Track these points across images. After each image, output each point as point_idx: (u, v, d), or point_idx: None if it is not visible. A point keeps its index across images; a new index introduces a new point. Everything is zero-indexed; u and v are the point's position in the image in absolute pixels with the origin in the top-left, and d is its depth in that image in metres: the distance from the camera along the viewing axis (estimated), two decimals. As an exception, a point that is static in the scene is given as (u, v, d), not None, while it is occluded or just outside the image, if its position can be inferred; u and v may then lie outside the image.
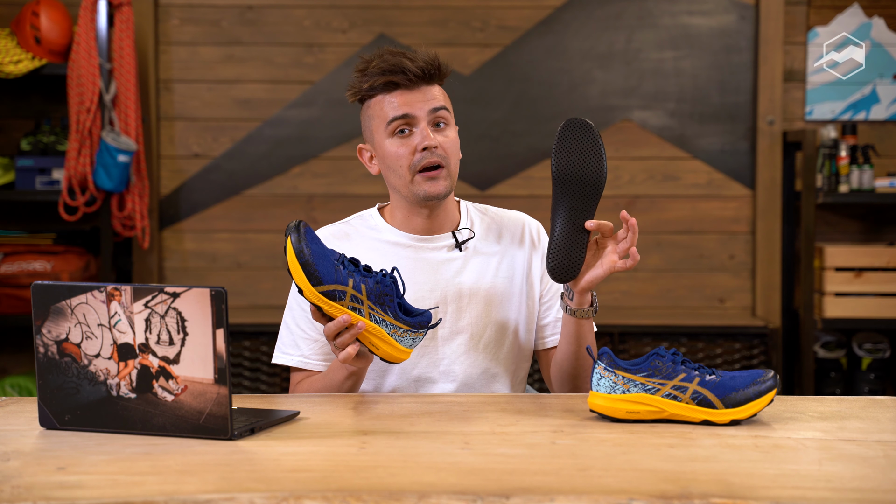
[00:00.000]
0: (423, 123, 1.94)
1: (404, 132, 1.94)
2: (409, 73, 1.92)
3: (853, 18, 3.97)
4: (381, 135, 1.97)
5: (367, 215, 2.08)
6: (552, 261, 1.84)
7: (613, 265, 1.85)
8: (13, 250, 3.80)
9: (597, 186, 1.85)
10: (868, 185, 3.81)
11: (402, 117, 1.93)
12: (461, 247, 2.02)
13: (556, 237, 1.85)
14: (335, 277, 1.70)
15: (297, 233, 1.71)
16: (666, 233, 4.04)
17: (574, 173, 1.84)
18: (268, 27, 4.01)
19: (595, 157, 1.85)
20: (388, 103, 1.95)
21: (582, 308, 1.90)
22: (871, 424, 1.60)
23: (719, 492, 1.25)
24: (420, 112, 1.94)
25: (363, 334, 1.73)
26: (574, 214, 1.85)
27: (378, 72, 1.94)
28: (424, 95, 1.94)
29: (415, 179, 1.94)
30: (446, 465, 1.37)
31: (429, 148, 1.92)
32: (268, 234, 4.04)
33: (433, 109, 1.94)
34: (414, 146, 1.93)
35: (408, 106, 1.94)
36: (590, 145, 1.85)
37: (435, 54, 1.96)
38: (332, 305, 1.71)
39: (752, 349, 3.73)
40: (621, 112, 4.02)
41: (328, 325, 1.73)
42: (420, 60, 1.94)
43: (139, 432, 1.53)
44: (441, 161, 1.94)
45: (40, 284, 1.56)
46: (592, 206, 1.86)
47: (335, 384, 1.89)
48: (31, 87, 3.97)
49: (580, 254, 1.84)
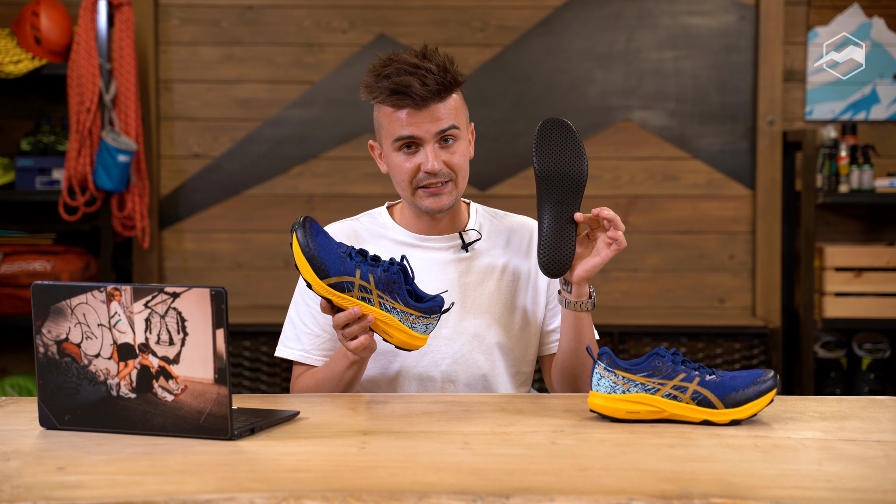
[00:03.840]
0: (429, 146, 1.91)
1: (410, 148, 1.93)
2: (416, 96, 1.88)
3: (853, 18, 3.97)
4: (388, 145, 1.95)
5: (377, 213, 2.08)
6: (543, 256, 1.87)
7: (607, 252, 1.86)
8: (13, 250, 3.80)
9: (579, 181, 1.88)
10: (868, 185, 3.81)
11: (407, 137, 1.91)
12: (468, 248, 2.02)
13: (545, 233, 1.87)
14: (342, 269, 1.71)
15: (303, 228, 1.72)
16: (666, 233, 4.04)
17: (556, 171, 1.88)
18: (268, 27, 4.01)
19: (575, 153, 1.89)
20: (396, 120, 1.91)
21: (580, 300, 1.90)
22: (871, 424, 1.60)
23: (719, 492, 1.25)
24: (426, 135, 1.91)
25: (375, 324, 1.74)
26: (559, 209, 1.88)
27: (387, 91, 1.89)
28: (433, 115, 1.90)
29: (416, 193, 1.94)
30: (446, 465, 1.37)
31: (430, 172, 1.91)
32: (268, 234, 4.04)
33: (440, 131, 1.92)
34: (417, 165, 1.92)
35: (414, 127, 1.90)
36: (568, 142, 1.89)
37: (446, 66, 1.90)
38: (341, 297, 1.72)
39: (752, 349, 3.73)
40: (621, 112, 4.02)
41: (337, 316, 1.73)
42: (432, 79, 1.88)
43: (139, 432, 1.53)
44: (446, 178, 1.93)
45: (40, 284, 1.56)
46: (577, 201, 1.88)
47: (336, 374, 1.89)
48: (31, 87, 3.97)
49: (569, 247, 1.87)
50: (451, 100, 1.93)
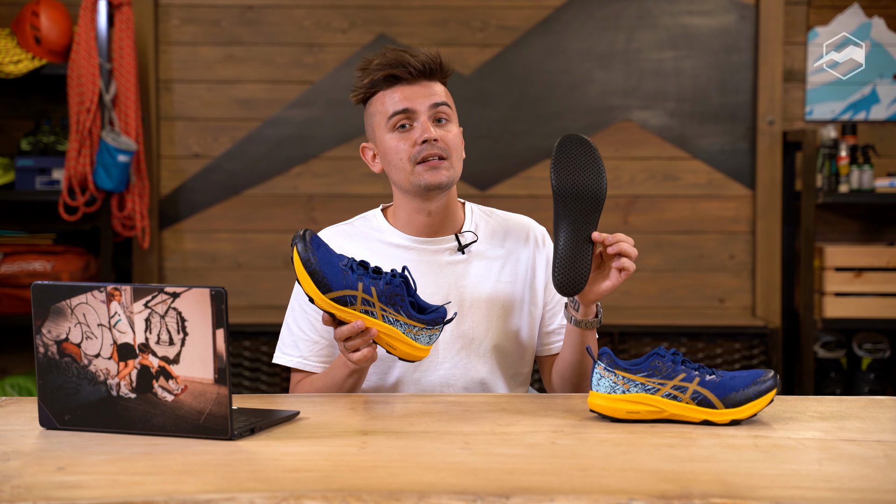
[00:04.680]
0: (424, 118, 1.93)
1: (405, 127, 1.93)
2: (409, 66, 1.92)
3: (853, 18, 3.97)
4: (383, 130, 1.95)
5: (371, 216, 2.06)
6: (558, 275, 1.83)
7: (618, 278, 1.84)
8: (13, 250, 3.80)
9: (597, 199, 1.84)
10: (868, 185, 3.81)
11: (402, 112, 1.93)
12: (464, 249, 2.01)
13: (561, 251, 1.83)
14: (344, 283, 1.70)
15: (304, 241, 1.71)
16: (666, 233, 4.04)
17: (574, 188, 1.84)
18: (268, 27, 4.01)
19: (594, 170, 1.85)
20: (389, 98, 1.94)
21: (587, 319, 1.90)
22: (871, 424, 1.60)
23: (719, 492, 1.25)
24: (420, 107, 1.93)
25: (379, 336, 1.73)
26: (577, 228, 1.84)
27: (379, 67, 1.94)
28: (425, 90, 1.94)
29: (415, 170, 1.93)
30: (446, 465, 1.37)
31: (428, 140, 1.91)
32: (268, 234, 4.04)
33: (434, 104, 1.93)
34: (414, 139, 1.92)
35: (408, 101, 1.93)
36: (588, 159, 1.85)
37: (437, 52, 1.96)
38: (344, 311, 1.71)
39: (752, 349, 3.73)
40: (621, 112, 4.02)
41: (340, 329, 1.72)
42: (422, 55, 1.94)
43: (139, 432, 1.53)
44: (442, 153, 1.92)
45: (40, 284, 1.56)
46: (594, 219, 1.85)
47: (336, 383, 1.88)
48: (31, 87, 3.97)
49: (585, 266, 1.83)
50: (440, 86, 1.97)
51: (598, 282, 1.86)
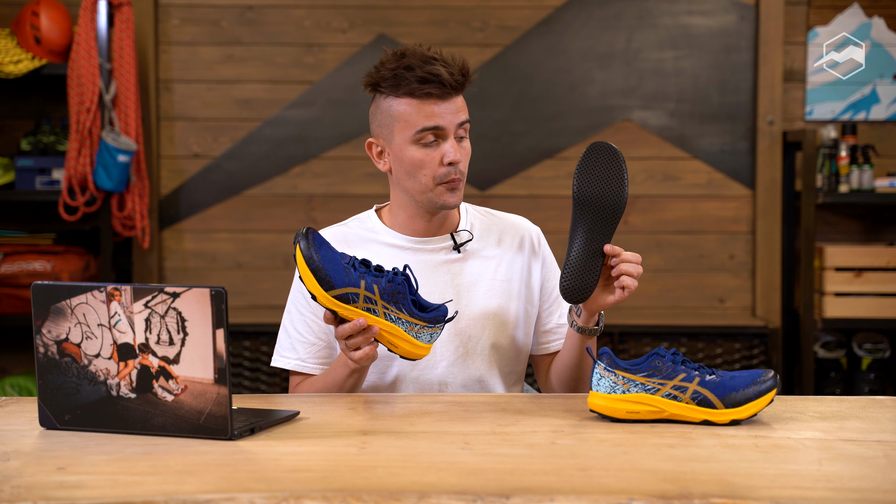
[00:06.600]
0: (451, 137, 1.90)
1: (433, 141, 1.90)
2: (446, 84, 1.87)
3: (853, 18, 3.97)
4: (403, 138, 1.91)
5: (365, 217, 2.06)
6: (566, 281, 1.83)
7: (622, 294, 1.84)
8: (13, 250, 3.80)
9: (616, 210, 1.83)
10: (868, 185, 3.81)
11: (433, 129, 1.89)
12: (459, 249, 2.01)
13: (573, 258, 1.83)
14: (347, 280, 1.70)
15: (306, 239, 1.71)
16: (666, 233, 4.04)
17: (595, 196, 1.83)
18: (268, 27, 4.01)
19: (617, 181, 1.83)
20: (420, 111, 1.89)
21: (588, 326, 1.91)
22: (871, 424, 1.60)
23: (719, 492, 1.25)
24: (450, 125, 1.90)
25: (380, 334, 1.73)
26: (592, 237, 1.83)
27: (415, 80, 1.87)
28: (455, 106, 1.90)
29: (436, 189, 1.91)
30: (446, 465, 1.37)
31: (454, 163, 1.90)
32: (268, 234, 4.04)
33: (461, 123, 1.91)
34: (440, 159, 1.90)
35: (440, 118, 1.89)
36: (613, 169, 1.83)
37: (464, 62, 1.91)
38: (346, 309, 1.71)
39: (752, 349, 3.73)
40: (621, 112, 4.02)
41: (342, 327, 1.72)
42: (456, 70, 1.88)
43: (139, 432, 1.53)
44: (462, 176, 1.92)
45: (40, 284, 1.56)
46: (610, 230, 1.84)
47: (337, 382, 1.88)
48: (31, 87, 3.97)
49: (594, 276, 1.83)
50: (462, 98, 1.93)
51: (603, 294, 1.87)
